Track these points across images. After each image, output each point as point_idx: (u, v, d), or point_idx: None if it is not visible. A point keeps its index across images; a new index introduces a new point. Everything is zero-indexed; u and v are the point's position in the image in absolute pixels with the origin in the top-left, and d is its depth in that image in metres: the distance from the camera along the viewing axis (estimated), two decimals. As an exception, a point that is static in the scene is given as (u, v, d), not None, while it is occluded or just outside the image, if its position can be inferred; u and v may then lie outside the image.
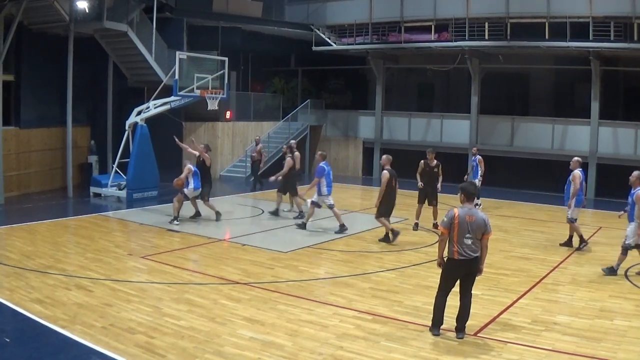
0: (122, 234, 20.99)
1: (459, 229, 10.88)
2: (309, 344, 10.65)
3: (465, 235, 10.87)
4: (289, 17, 39.62)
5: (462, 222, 10.89)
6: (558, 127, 32.10)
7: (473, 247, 10.93)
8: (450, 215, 11.01)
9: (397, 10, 35.12)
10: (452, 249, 10.94)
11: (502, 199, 28.30)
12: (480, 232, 10.96)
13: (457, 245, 10.90)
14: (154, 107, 26.42)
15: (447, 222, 10.99)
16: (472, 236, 10.90)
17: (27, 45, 28.06)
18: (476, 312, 12.10)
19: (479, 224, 10.94)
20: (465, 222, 10.89)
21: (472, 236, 10.90)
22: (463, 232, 10.87)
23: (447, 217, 11.03)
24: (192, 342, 10.67)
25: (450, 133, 35.57)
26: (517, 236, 20.74)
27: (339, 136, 40.22)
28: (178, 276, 14.78)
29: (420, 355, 10.29)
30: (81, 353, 10.24)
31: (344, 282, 14.79)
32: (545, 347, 10.60)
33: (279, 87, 41.72)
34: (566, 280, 15.13)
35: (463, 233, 10.87)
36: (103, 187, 27.32)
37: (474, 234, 10.91)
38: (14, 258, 16.29)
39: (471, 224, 10.90)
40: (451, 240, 10.96)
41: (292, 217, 23.09)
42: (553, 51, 31.41)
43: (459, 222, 10.89)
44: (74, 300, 12.84)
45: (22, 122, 28.13)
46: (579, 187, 18.18)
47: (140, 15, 29.99)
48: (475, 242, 10.93)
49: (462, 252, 10.88)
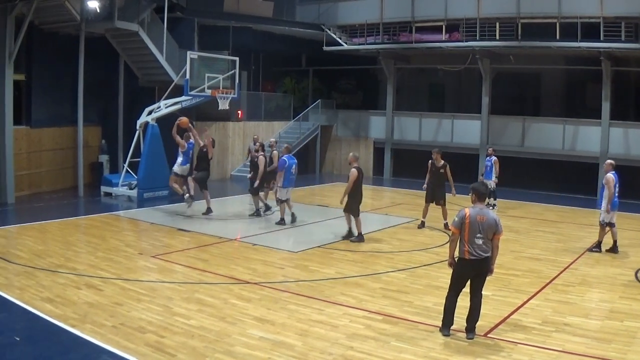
0: (132, 233, 21.02)
1: (470, 228, 10.86)
2: (319, 344, 10.65)
3: (476, 235, 10.85)
4: (300, 17, 39.60)
5: (473, 222, 10.88)
6: (569, 128, 31.99)
7: (484, 247, 10.91)
8: (461, 215, 10.99)
9: (408, 10, 35.06)
10: (463, 249, 10.93)
11: (512, 200, 28.23)
12: (492, 232, 10.93)
13: (468, 245, 10.88)
14: (165, 107, 26.44)
15: (458, 222, 10.99)
16: (483, 236, 10.87)
17: (38, 45, 28.16)
18: (486, 313, 12.09)
19: (490, 224, 10.91)
20: (476, 222, 10.88)
21: (483, 236, 10.87)
22: (474, 232, 10.85)
23: (458, 217, 11.01)
24: (202, 341, 10.68)
25: (461, 133, 35.50)
26: (527, 237, 20.68)
27: (349, 136, 40.20)
28: (188, 275, 14.79)
29: (431, 355, 10.27)
30: (91, 352, 10.26)
31: (355, 282, 14.78)
32: (556, 348, 10.57)
33: (290, 87, 41.72)
34: (576, 281, 15.08)
35: (474, 233, 10.85)
36: (114, 187, 27.38)
37: (484, 234, 10.88)
38: (24, 257, 16.34)
39: (482, 224, 10.87)
40: (462, 240, 10.94)
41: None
42: (564, 51, 31.34)
43: (470, 221, 10.88)
44: (84, 299, 12.86)
45: (33, 122, 28.21)
46: (613, 190, 17.96)
47: (151, 15, 30.00)
48: (486, 242, 10.91)
49: (473, 252, 10.86)
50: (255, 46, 37.49)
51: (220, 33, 34.87)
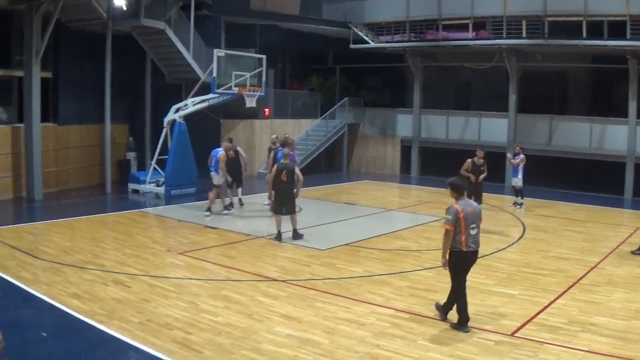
0: (160, 230, 21.12)
1: (465, 222, 11.35)
2: (346, 342, 10.65)
3: (470, 226, 11.40)
4: (326, 15, 39.51)
5: (467, 215, 11.40)
6: (596, 127, 31.74)
7: (476, 238, 11.55)
8: (454, 212, 11.38)
9: (435, 8, 34.91)
10: (461, 241, 11.36)
11: (540, 199, 28.06)
12: (479, 221, 11.65)
13: (465, 237, 11.37)
14: (192, 105, 26.53)
15: (452, 219, 11.34)
16: (476, 226, 11.52)
17: (65, 43, 28.39)
18: (513, 312, 12.16)
19: (477, 213, 11.66)
20: (468, 213, 11.43)
21: (476, 226, 11.52)
22: (468, 224, 11.38)
23: (452, 214, 11.37)
24: (229, 338, 10.71)
25: (488, 132, 35.30)
26: (555, 236, 20.54)
27: (376, 134, 40.12)
28: (216, 272, 14.83)
29: (457, 354, 10.25)
30: (118, 348, 10.32)
31: (382, 280, 14.78)
32: (582, 348, 10.52)
33: (317, 84, 41.71)
34: (603, 281, 14.98)
35: (468, 224, 11.38)
36: (141, 184, 27.53)
37: (477, 224, 11.54)
38: (52, 253, 16.47)
39: (472, 214, 11.49)
40: (459, 233, 11.35)
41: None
42: (590, 50, 31.07)
43: (464, 215, 11.36)
44: (111, 295, 12.95)
45: (60, 119, 28.46)
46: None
47: (178, 13, 30.12)
48: (478, 233, 11.58)
49: (470, 243, 11.42)
50: (282, 44, 37.50)
51: (247, 31, 34.91)
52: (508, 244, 19.04)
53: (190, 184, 26.62)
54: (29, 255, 16.17)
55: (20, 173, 25.79)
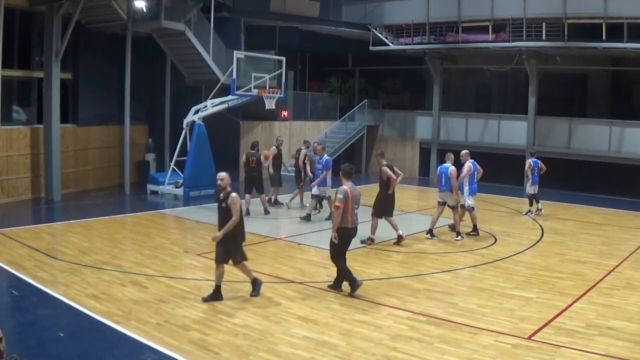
0: (178, 232, 21.19)
1: (351, 202, 13.27)
2: (363, 344, 10.65)
3: (354, 206, 13.37)
4: (346, 17, 39.58)
5: (353, 196, 13.36)
6: (615, 129, 31.59)
7: (356, 217, 13.56)
8: (343, 191, 13.23)
9: (455, 11, 34.91)
10: (347, 219, 13.27)
11: (558, 202, 27.93)
12: (359, 203, 13.64)
13: (350, 216, 13.31)
14: (211, 106, 26.56)
15: (343, 198, 13.15)
16: (357, 206, 13.54)
17: (84, 44, 28.52)
18: (531, 316, 12.12)
19: (359, 196, 13.67)
20: (354, 195, 13.40)
21: (357, 206, 13.54)
22: (353, 204, 13.32)
23: (342, 194, 13.19)
24: (246, 340, 10.73)
25: (508, 134, 35.25)
26: (573, 239, 20.48)
27: (396, 136, 40.13)
28: (233, 274, 14.85)
29: (474, 358, 10.22)
30: (135, 349, 10.36)
31: (399, 282, 14.75)
32: (599, 352, 10.46)
33: (336, 86, 41.82)
34: (621, 285, 14.91)
35: (353, 205, 13.32)
36: (160, 185, 27.63)
37: (358, 205, 13.56)
38: (70, 254, 16.55)
39: (356, 196, 13.50)
40: (346, 212, 13.20)
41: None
42: (610, 52, 30.99)
43: (352, 196, 13.29)
44: (129, 296, 13.00)
45: (79, 120, 28.60)
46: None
47: (198, 15, 30.18)
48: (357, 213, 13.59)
49: (354, 221, 13.44)
50: (302, 46, 37.58)
51: (267, 33, 34.97)
52: (526, 247, 18.99)
53: (209, 186, 26.62)
54: (47, 256, 16.25)
55: (39, 174, 25.95)
